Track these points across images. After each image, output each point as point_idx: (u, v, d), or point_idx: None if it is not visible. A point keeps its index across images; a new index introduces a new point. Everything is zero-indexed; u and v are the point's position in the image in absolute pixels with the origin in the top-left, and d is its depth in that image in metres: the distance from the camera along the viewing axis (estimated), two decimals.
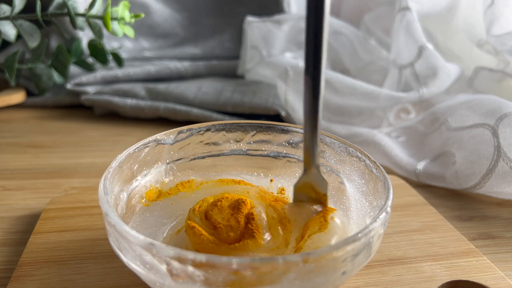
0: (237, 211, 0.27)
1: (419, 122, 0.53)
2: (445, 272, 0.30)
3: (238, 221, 0.26)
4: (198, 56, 0.80)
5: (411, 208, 0.38)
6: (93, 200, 0.37)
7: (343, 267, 0.22)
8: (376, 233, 0.23)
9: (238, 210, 0.27)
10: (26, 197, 0.40)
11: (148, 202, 0.31)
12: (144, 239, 0.21)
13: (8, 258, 0.32)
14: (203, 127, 0.34)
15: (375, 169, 0.29)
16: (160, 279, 0.21)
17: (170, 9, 0.82)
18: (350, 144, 0.31)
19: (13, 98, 0.63)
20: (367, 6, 0.75)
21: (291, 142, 0.34)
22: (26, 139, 0.53)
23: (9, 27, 0.52)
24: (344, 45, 0.67)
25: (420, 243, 0.33)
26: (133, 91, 0.62)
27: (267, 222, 0.27)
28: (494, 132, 0.41)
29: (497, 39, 0.52)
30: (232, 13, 0.85)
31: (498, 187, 0.39)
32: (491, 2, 0.52)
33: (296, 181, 0.29)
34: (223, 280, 0.20)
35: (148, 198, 0.31)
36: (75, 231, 0.33)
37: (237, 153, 0.35)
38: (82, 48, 0.65)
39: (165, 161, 0.33)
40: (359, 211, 0.30)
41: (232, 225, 0.26)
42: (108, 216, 0.23)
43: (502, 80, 0.56)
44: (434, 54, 0.54)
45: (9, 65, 0.54)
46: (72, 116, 0.62)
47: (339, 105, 0.57)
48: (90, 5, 0.57)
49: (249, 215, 0.27)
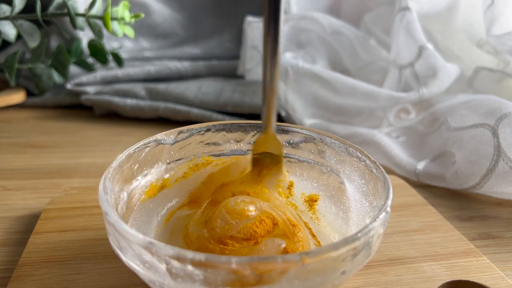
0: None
1: (419, 122, 0.53)
2: (445, 272, 0.30)
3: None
4: (198, 56, 0.80)
5: (411, 208, 0.38)
6: (93, 200, 0.37)
7: (343, 266, 0.22)
8: (376, 232, 0.23)
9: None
10: (26, 197, 0.40)
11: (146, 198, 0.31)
12: (143, 238, 0.21)
13: (8, 258, 0.32)
14: (203, 127, 0.34)
15: (375, 169, 0.29)
16: (160, 278, 0.21)
17: (170, 9, 0.82)
18: (350, 144, 0.31)
19: (13, 98, 0.63)
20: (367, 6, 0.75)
21: (291, 142, 0.34)
22: (26, 139, 0.53)
23: (9, 27, 0.52)
24: (344, 45, 0.67)
25: (420, 243, 0.33)
26: (133, 91, 0.62)
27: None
28: (494, 132, 0.41)
29: (497, 39, 0.52)
30: (232, 13, 0.85)
31: (498, 187, 0.39)
32: (491, 2, 0.52)
33: (255, 140, 0.32)
34: (223, 280, 0.20)
35: (149, 196, 0.31)
36: (75, 231, 0.33)
37: (238, 153, 0.35)
38: (82, 48, 0.65)
39: (165, 161, 0.33)
40: (359, 211, 0.30)
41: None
42: (107, 215, 0.23)
43: (502, 80, 0.56)
44: (434, 54, 0.54)
45: (9, 65, 0.54)
46: (72, 116, 0.62)
47: (339, 105, 0.57)
48: (90, 5, 0.57)
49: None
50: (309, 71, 0.58)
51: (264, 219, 0.27)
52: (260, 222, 0.26)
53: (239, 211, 0.27)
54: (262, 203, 0.28)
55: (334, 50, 0.67)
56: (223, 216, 0.27)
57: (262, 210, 0.28)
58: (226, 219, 0.27)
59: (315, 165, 0.33)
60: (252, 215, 0.27)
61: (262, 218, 0.27)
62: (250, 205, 0.27)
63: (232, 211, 0.27)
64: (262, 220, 0.27)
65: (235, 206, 0.27)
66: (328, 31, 0.66)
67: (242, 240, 0.26)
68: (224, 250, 0.25)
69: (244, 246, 0.25)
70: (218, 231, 0.26)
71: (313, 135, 0.33)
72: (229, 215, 0.27)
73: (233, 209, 0.27)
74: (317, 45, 0.67)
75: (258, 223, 0.26)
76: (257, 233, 0.26)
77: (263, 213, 0.27)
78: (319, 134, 0.33)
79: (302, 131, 0.34)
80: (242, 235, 0.26)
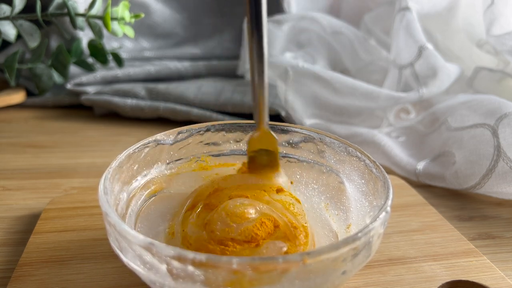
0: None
1: (419, 122, 0.53)
2: (445, 272, 0.30)
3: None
4: (198, 56, 0.80)
5: (411, 208, 0.38)
6: (93, 200, 0.37)
7: (343, 266, 0.22)
8: (376, 232, 0.23)
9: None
10: (26, 197, 0.40)
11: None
12: (144, 239, 0.21)
13: (8, 258, 0.32)
14: (203, 127, 0.34)
15: (375, 169, 0.29)
16: (160, 279, 0.21)
17: (170, 9, 0.82)
18: (350, 144, 0.31)
19: (13, 98, 0.63)
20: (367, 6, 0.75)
21: (291, 142, 0.34)
22: (26, 139, 0.53)
23: (9, 27, 0.52)
24: (344, 45, 0.67)
25: (420, 243, 0.33)
26: (133, 91, 0.62)
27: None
28: (494, 132, 0.41)
29: (497, 39, 0.52)
30: (232, 13, 0.85)
31: (498, 187, 0.39)
32: (491, 2, 0.52)
33: (250, 135, 0.31)
34: (223, 280, 0.20)
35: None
36: (75, 231, 0.33)
37: (237, 153, 0.35)
38: (82, 48, 0.65)
39: (165, 161, 0.33)
40: (359, 211, 0.30)
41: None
42: (108, 216, 0.23)
43: (502, 80, 0.56)
44: (434, 54, 0.54)
45: (9, 65, 0.54)
46: (72, 116, 0.62)
47: (339, 105, 0.57)
48: (90, 5, 0.57)
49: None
50: (309, 71, 0.58)
51: (265, 221, 0.27)
52: (261, 224, 0.26)
53: (239, 214, 0.27)
54: (262, 205, 0.28)
55: (334, 50, 0.67)
56: (223, 218, 0.27)
57: (262, 212, 0.27)
58: (226, 221, 0.26)
59: (315, 165, 0.33)
60: (253, 218, 0.27)
61: (263, 220, 0.27)
62: (249, 208, 0.27)
63: (232, 213, 0.27)
64: (263, 222, 0.26)
65: (235, 209, 0.27)
66: (328, 31, 0.66)
67: (243, 242, 0.25)
68: (225, 251, 0.25)
69: (245, 248, 0.25)
70: (219, 234, 0.26)
71: (312, 134, 0.33)
72: (229, 218, 0.27)
73: (233, 212, 0.27)
74: (317, 45, 0.67)
75: (259, 225, 0.26)
76: (258, 235, 0.26)
77: (264, 215, 0.27)
78: (318, 134, 0.33)
79: (301, 130, 0.34)
80: (243, 237, 0.26)
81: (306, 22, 0.67)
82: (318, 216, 0.31)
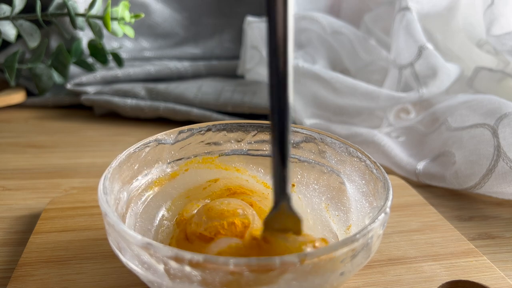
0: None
1: (419, 122, 0.53)
2: (445, 272, 0.30)
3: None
4: (198, 56, 0.80)
5: (411, 208, 0.38)
6: (93, 200, 0.37)
7: (342, 267, 0.22)
8: (375, 233, 0.23)
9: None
10: (26, 197, 0.41)
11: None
12: (142, 239, 0.21)
13: (8, 258, 0.32)
14: (204, 127, 0.34)
15: (375, 169, 0.29)
16: (158, 279, 0.21)
17: (170, 9, 0.82)
18: (351, 144, 0.31)
19: (13, 98, 0.63)
20: (367, 6, 0.75)
21: (292, 142, 0.34)
22: (26, 139, 0.53)
23: (9, 27, 0.52)
24: (344, 45, 0.67)
25: (420, 243, 0.33)
26: (133, 91, 0.62)
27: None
28: (494, 132, 0.41)
29: (497, 39, 0.52)
30: (232, 13, 0.85)
31: (498, 187, 0.39)
32: (491, 2, 0.52)
33: (266, 215, 0.24)
34: (220, 280, 0.20)
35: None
36: (75, 231, 0.33)
37: (238, 153, 0.35)
38: (82, 48, 0.65)
39: (165, 160, 0.33)
40: (359, 212, 0.30)
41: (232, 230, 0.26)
42: (107, 216, 0.23)
43: (502, 80, 0.56)
44: (434, 54, 0.54)
45: (9, 65, 0.54)
46: (72, 116, 0.62)
47: (339, 105, 0.57)
48: (90, 5, 0.57)
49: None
50: (309, 71, 0.58)
51: (237, 223, 0.26)
52: (230, 225, 0.26)
53: (218, 211, 0.27)
54: (251, 211, 0.28)
55: (334, 50, 0.67)
56: (201, 212, 0.27)
57: (243, 215, 0.27)
58: (201, 216, 0.27)
59: (316, 165, 0.33)
60: (226, 217, 0.26)
61: (235, 222, 0.26)
62: (235, 208, 0.27)
63: (211, 209, 0.27)
64: (233, 224, 0.26)
65: (217, 206, 0.27)
66: (328, 31, 0.66)
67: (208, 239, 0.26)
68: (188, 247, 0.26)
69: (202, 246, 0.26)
70: (192, 227, 0.27)
71: (313, 135, 0.33)
72: (206, 213, 0.27)
73: (213, 208, 0.27)
74: (317, 45, 0.67)
75: (226, 225, 0.26)
76: (221, 234, 0.26)
77: (242, 219, 0.26)
78: (319, 134, 0.33)
79: (302, 131, 0.34)
80: (207, 233, 0.26)
81: (306, 22, 0.67)
82: (318, 218, 0.31)
